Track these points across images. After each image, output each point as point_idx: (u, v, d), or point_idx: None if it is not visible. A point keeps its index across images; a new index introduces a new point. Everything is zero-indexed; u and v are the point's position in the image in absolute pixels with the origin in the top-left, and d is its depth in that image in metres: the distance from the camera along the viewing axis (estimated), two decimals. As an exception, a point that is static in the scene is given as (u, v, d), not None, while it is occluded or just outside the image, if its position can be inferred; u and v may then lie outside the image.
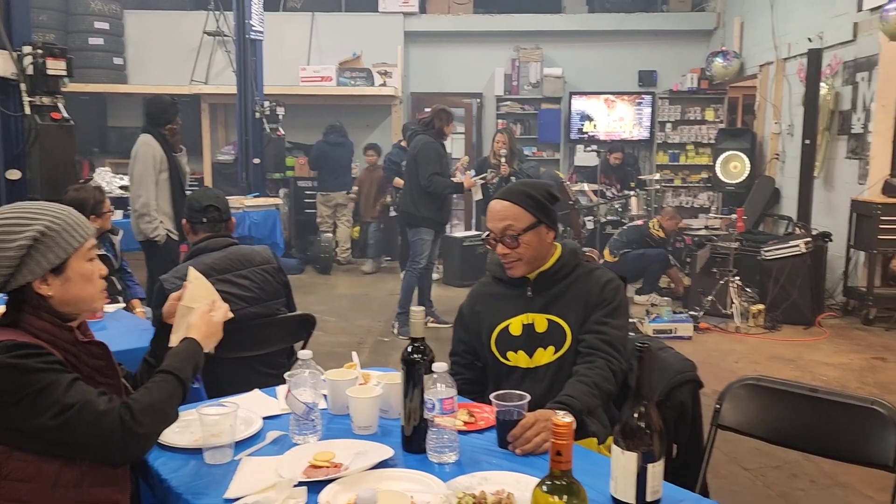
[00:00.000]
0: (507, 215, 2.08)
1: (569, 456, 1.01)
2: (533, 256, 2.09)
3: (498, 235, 2.08)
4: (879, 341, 5.59)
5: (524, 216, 2.07)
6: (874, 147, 6.25)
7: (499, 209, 2.10)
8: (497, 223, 2.09)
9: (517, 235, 2.06)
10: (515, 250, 2.07)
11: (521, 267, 2.10)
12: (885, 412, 1.79)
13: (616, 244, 6.96)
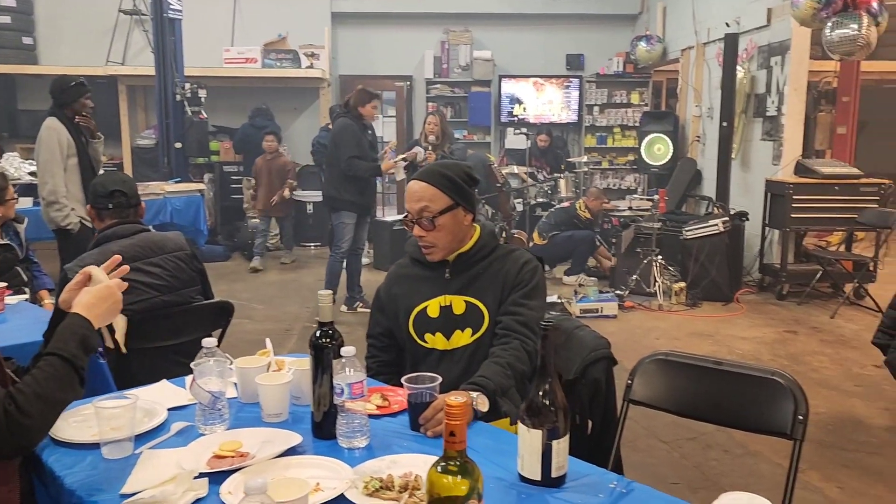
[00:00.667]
0: (424, 196, 2.06)
1: (463, 436, 1.00)
2: (450, 240, 2.08)
3: (414, 217, 2.07)
4: (791, 315, 5.84)
5: (441, 198, 2.05)
6: (787, 129, 6.50)
7: (415, 190, 2.08)
8: (413, 204, 2.07)
9: (433, 217, 2.04)
10: (431, 233, 2.06)
11: (437, 252, 2.10)
12: (784, 382, 1.86)
13: (545, 227, 7.04)
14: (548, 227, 7.02)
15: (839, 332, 5.35)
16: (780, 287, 6.30)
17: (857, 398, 4.10)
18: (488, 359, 1.99)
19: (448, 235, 2.07)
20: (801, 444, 1.81)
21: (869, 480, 3.17)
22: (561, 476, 1.43)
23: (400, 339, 2.19)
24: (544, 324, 1.43)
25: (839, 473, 3.23)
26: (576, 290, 6.17)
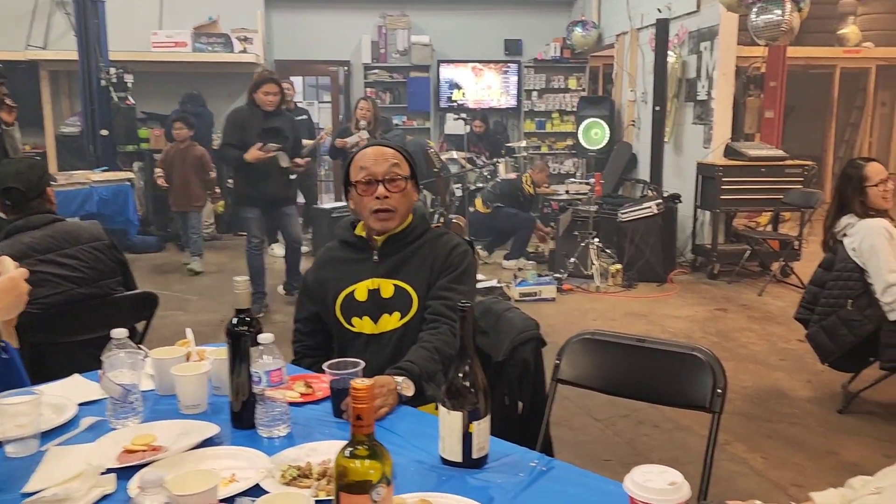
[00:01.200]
0: (395, 157, 2.05)
1: (370, 420, 0.98)
2: (406, 209, 2.07)
3: (383, 176, 2.02)
4: (722, 294, 6.02)
5: (405, 165, 2.07)
6: (717, 113, 6.66)
7: (383, 151, 2.06)
8: (382, 164, 2.03)
9: (399, 179, 2.03)
10: (395, 195, 2.02)
11: (394, 219, 2.05)
12: (704, 357, 1.91)
13: (489, 196, 7.08)
14: (493, 196, 7.06)
15: (766, 309, 5.53)
16: (712, 267, 6.47)
17: (781, 371, 4.25)
18: (416, 343, 1.97)
19: (406, 204, 2.06)
20: (720, 416, 1.86)
21: (791, 450, 3.29)
22: (482, 457, 1.43)
23: (328, 324, 2.15)
24: (461, 305, 1.41)
25: (763, 444, 3.35)
26: (515, 273, 6.21)
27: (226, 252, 7.95)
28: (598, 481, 1.36)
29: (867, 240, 3.34)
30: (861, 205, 3.45)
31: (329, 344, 2.18)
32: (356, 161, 2.09)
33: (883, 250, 3.30)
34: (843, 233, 3.49)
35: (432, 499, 1.26)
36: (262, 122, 5.10)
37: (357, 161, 2.08)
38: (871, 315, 3.41)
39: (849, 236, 3.45)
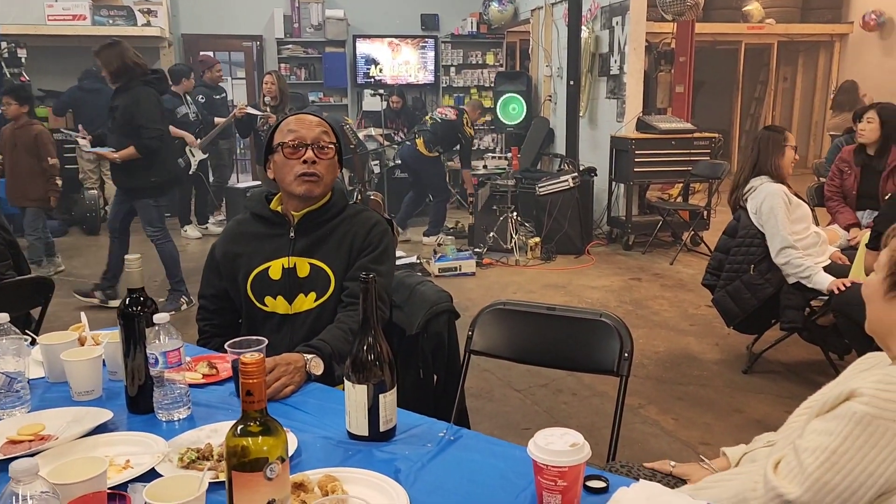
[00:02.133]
0: (323, 125, 2.01)
1: (261, 395, 0.95)
2: (331, 179, 2.02)
3: (311, 140, 1.96)
4: (637, 264, 6.19)
5: (331, 134, 2.03)
6: (629, 87, 6.81)
7: (313, 119, 2.02)
8: (312, 129, 1.98)
9: (326, 146, 1.98)
10: (322, 162, 1.97)
11: (319, 187, 1.98)
12: (611, 322, 1.94)
13: (431, 138, 6.87)
14: (434, 139, 6.88)
15: (678, 277, 5.73)
16: (627, 238, 6.65)
17: (691, 336, 4.41)
18: (332, 324, 1.92)
19: (331, 174, 2.01)
20: (627, 379, 1.90)
21: (699, 410, 3.42)
22: (390, 429, 1.41)
23: (237, 302, 2.08)
24: (363, 276, 1.38)
25: (675, 406, 3.47)
26: (434, 249, 6.21)
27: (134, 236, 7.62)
28: (505, 447, 1.36)
29: (768, 202, 3.48)
30: (775, 167, 3.56)
31: (237, 323, 2.10)
32: (283, 126, 2.02)
33: (781, 213, 3.45)
34: (746, 197, 3.61)
35: (337, 473, 1.24)
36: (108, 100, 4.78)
37: (284, 126, 2.01)
38: (771, 279, 3.57)
39: (751, 200, 3.58)
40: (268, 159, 2.05)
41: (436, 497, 1.20)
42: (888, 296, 1.17)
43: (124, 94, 4.62)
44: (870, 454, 1.04)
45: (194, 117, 7.13)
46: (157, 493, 1.03)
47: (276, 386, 1.59)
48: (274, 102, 6.20)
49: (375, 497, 1.18)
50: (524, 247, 6.35)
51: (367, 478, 1.24)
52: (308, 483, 1.20)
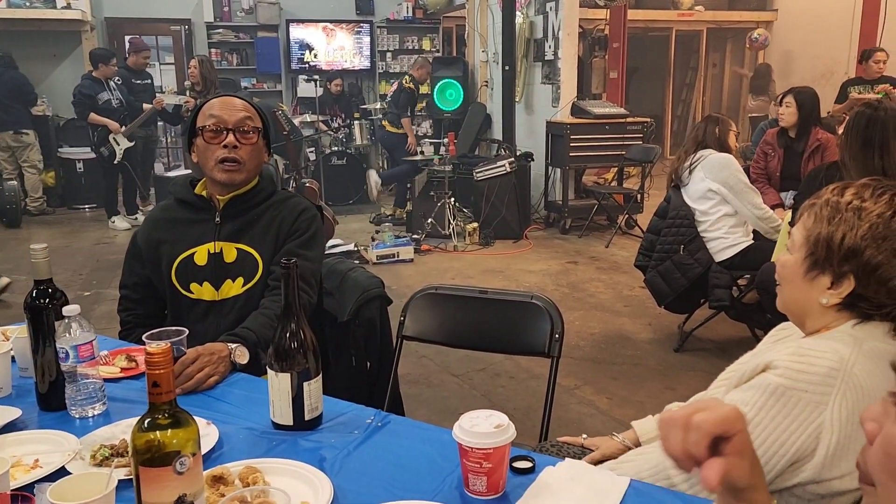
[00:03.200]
0: (246, 108, 1.94)
1: (169, 386, 0.90)
2: (255, 165, 1.95)
3: (233, 125, 1.89)
4: (573, 247, 6.27)
5: (257, 119, 1.96)
6: (563, 72, 6.86)
7: (234, 102, 1.95)
8: (235, 113, 1.91)
9: (250, 130, 1.92)
10: (245, 147, 1.90)
11: (241, 173, 1.92)
12: (542, 304, 1.95)
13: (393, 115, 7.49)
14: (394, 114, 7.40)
15: (613, 260, 5.83)
16: (564, 222, 6.73)
17: (625, 317, 4.50)
18: (258, 310, 1.87)
19: (255, 159, 1.95)
20: (558, 360, 1.91)
21: (633, 389, 3.49)
22: (315, 418, 1.38)
23: (160, 290, 2.00)
24: (284, 261, 1.34)
25: (609, 385, 3.53)
26: (372, 236, 6.16)
27: (59, 228, 7.34)
28: (433, 431, 1.35)
29: (730, 171, 3.57)
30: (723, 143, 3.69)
31: (162, 312, 2.03)
32: (205, 109, 1.95)
33: (743, 175, 3.57)
34: (695, 165, 3.67)
35: (259, 464, 1.20)
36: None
37: (206, 109, 1.94)
38: (700, 259, 3.66)
39: (704, 168, 3.63)
40: (192, 143, 1.98)
41: (361, 484, 1.18)
42: (808, 275, 1.19)
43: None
44: (783, 424, 1.06)
45: (118, 104, 6.86)
46: (63, 492, 0.98)
47: (198, 377, 1.54)
48: (198, 88, 6.03)
49: (298, 487, 1.15)
50: (462, 232, 6.36)
51: (290, 468, 1.21)
52: (228, 475, 1.16)
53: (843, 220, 1.15)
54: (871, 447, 0.59)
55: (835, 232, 1.15)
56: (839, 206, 1.16)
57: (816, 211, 1.19)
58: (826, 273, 1.16)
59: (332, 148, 7.94)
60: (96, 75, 6.71)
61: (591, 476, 1.16)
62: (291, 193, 2.11)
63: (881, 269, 1.10)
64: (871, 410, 0.59)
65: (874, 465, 0.58)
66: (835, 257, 1.14)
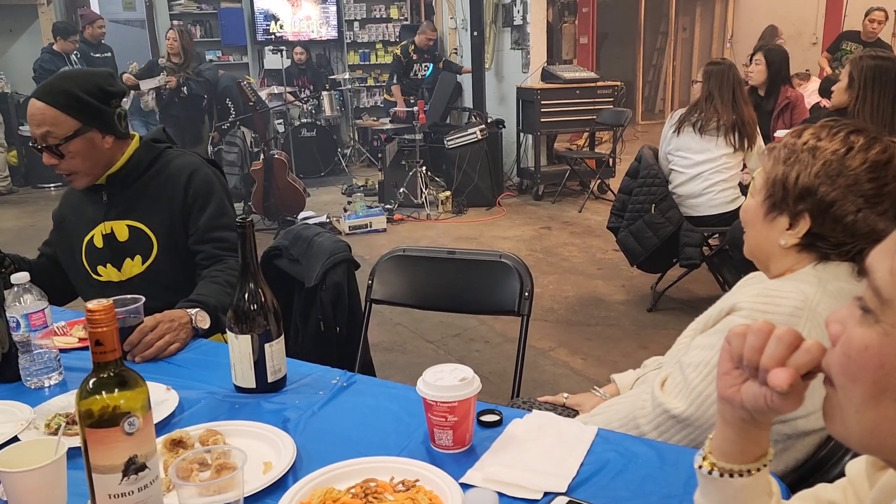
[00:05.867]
0: (45, 120, 1.72)
1: (113, 345, 0.86)
2: (90, 165, 1.80)
3: (39, 143, 1.75)
4: (547, 213, 6.27)
5: (65, 122, 1.73)
6: (532, 37, 6.79)
7: (34, 112, 1.72)
8: (35, 129, 1.74)
9: (58, 145, 1.73)
10: (64, 161, 1.76)
11: (80, 179, 1.82)
12: (511, 263, 1.93)
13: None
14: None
15: (586, 224, 5.83)
16: (536, 188, 6.71)
17: (599, 280, 4.51)
18: (203, 280, 1.81)
19: (86, 162, 1.78)
20: (528, 318, 1.89)
21: (607, 349, 3.51)
22: (279, 380, 1.35)
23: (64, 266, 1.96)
24: (239, 220, 1.30)
25: (584, 347, 3.55)
26: (344, 207, 6.10)
27: (24, 207, 7.16)
28: (399, 389, 1.33)
29: None
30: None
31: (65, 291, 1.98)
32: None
33: None
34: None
35: (220, 427, 1.17)
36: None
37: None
38: (671, 217, 3.66)
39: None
40: None
41: (325, 443, 1.16)
42: (768, 217, 1.18)
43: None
44: (748, 365, 1.06)
45: None
46: (11, 459, 0.94)
47: (159, 344, 1.50)
48: (177, 61, 5.86)
49: (260, 447, 1.13)
50: (435, 201, 6.31)
51: (251, 429, 1.18)
52: (187, 439, 1.13)
53: (798, 160, 1.13)
54: (833, 349, 0.58)
55: (790, 172, 1.13)
56: (795, 147, 1.15)
57: (775, 154, 1.18)
58: (784, 214, 1.15)
59: (302, 120, 7.82)
60: (56, 49, 6.52)
61: (559, 426, 1.15)
62: (176, 153, 1.96)
63: (835, 206, 1.09)
64: (837, 313, 0.59)
65: (836, 367, 0.58)
66: (790, 197, 1.13)
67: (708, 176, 3.62)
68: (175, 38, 5.88)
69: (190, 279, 1.84)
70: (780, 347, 0.62)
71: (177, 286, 1.82)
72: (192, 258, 1.87)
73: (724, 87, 3.63)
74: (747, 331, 0.64)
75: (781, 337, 0.62)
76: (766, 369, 0.62)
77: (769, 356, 0.62)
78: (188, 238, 1.87)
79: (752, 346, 0.64)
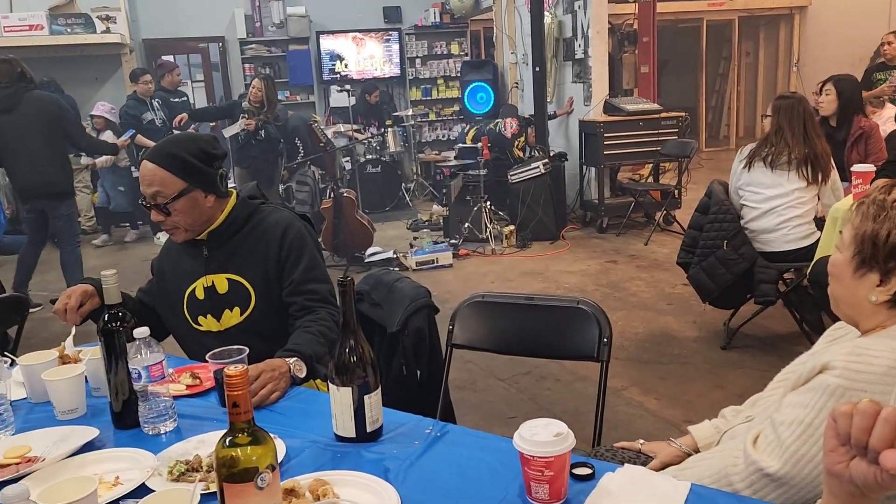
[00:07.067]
0: (154, 180, 1.87)
1: (247, 406, 0.95)
2: (191, 222, 1.93)
3: (148, 201, 1.90)
4: (612, 246, 6.25)
5: (173, 182, 1.88)
6: (594, 70, 6.84)
7: (146, 173, 1.89)
8: (146, 188, 1.89)
9: (166, 204, 1.88)
10: (170, 217, 1.90)
11: (181, 234, 1.96)
12: (589, 309, 1.97)
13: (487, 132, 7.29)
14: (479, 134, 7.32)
15: (653, 258, 5.79)
16: (600, 221, 6.70)
17: (669, 315, 4.47)
18: (297, 329, 1.90)
19: (189, 218, 1.92)
20: (608, 364, 1.93)
21: (682, 389, 3.48)
22: (376, 429, 1.42)
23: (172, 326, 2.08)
24: (341, 279, 1.39)
25: (657, 386, 3.52)
26: (411, 243, 6.22)
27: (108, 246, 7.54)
28: (492, 440, 1.38)
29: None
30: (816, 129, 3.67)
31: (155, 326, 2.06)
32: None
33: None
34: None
35: (327, 477, 1.25)
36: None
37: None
38: (745, 254, 3.63)
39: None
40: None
41: (426, 494, 1.22)
42: (857, 273, 1.20)
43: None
44: (843, 425, 1.07)
45: (161, 123, 7.04)
46: (152, 509, 1.04)
47: (262, 393, 1.59)
48: (259, 108, 6.13)
49: (366, 498, 1.20)
50: (499, 235, 6.38)
51: (356, 479, 1.25)
52: (299, 488, 1.21)
53: (888, 218, 1.15)
54: None
55: (879, 229, 1.15)
56: (885, 204, 1.17)
57: (864, 209, 1.20)
58: (874, 270, 1.17)
59: (367, 156, 8.04)
60: (139, 94, 6.90)
61: (652, 481, 1.18)
62: (270, 209, 2.08)
63: None
64: None
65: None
66: (881, 254, 1.15)
67: (781, 211, 3.58)
68: (260, 89, 6.14)
69: (283, 329, 1.95)
70: (887, 429, 0.65)
71: (271, 336, 1.93)
72: (285, 309, 1.98)
73: (794, 121, 3.60)
74: (853, 410, 0.68)
75: (888, 418, 0.65)
76: (876, 451, 0.65)
77: (878, 438, 0.65)
78: (282, 290, 1.98)
79: (860, 427, 0.67)
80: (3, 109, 4.77)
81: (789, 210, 3.57)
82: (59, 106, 5.01)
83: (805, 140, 3.58)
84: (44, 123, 4.83)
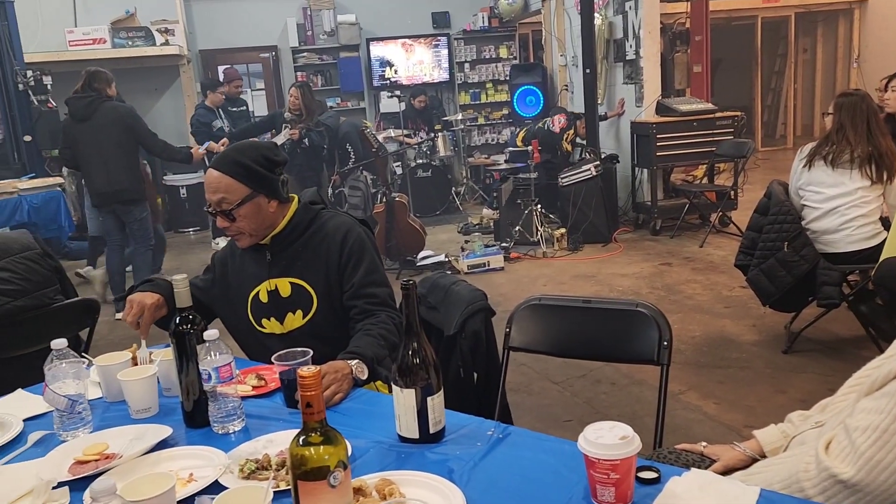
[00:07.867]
0: (220, 187, 1.93)
1: (320, 406, 0.98)
2: (255, 227, 1.98)
3: (214, 208, 1.95)
4: (665, 248, 6.16)
5: (238, 188, 1.92)
6: (646, 71, 6.76)
7: (211, 181, 1.94)
8: (211, 195, 1.94)
9: (231, 210, 1.92)
10: (234, 223, 1.95)
11: (246, 239, 2.00)
12: (648, 312, 1.95)
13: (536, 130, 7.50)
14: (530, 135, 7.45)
15: (709, 260, 5.69)
16: (654, 223, 6.61)
17: (727, 318, 4.39)
18: (358, 332, 1.93)
19: (253, 224, 1.97)
20: (668, 367, 1.91)
21: (741, 393, 3.41)
22: (439, 430, 1.44)
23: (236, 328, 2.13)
24: (404, 282, 1.42)
25: (716, 390, 3.46)
26: (462, 246, 6.24)
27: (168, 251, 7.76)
28: (554, 443, 1.39)
29: None
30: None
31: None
32: None
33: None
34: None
35: (393, 477, 1.27)
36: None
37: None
38: (807, 255, 3.54)
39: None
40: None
41: (491, 495, 1.23)
42: None
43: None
44: (921, 431, 1.05)
45: (228, 130, 7.23)
46: (226, 504, 1.07)
47: (326, 394, 1.63)
48: (299, 116, 6.25)
49: (432, 498, 1.21)
50: (550, 238, 6.35)
51: (422, 479, 1.27)
52: (366, 487, 1.23)
53: None
54: None
55: None
56: None
57: None
58: None
59: (417, 161, 8.10)
60: (208, 104, 7.10)
61: (720, 486, 1.17)
62: (331, 214, 2.12)
63: None
64: None
65: None
66: None
67: (844, 211, 3.48)
68: (297, 97, 6.26)
69: (344, 332, 1.98)
70: None
71: (332, 338, 1.96)
72: (346, 313, 2.02)
73: (856, 118, 3.50)
74: None
75: None
76: None
77: None
78: (343, 294, 2.02)
79: None
80: (80, 118, 4.98)
81: (853, 209, 3.47)
82: (133, 116, 5.21)
83: (869, 138, 3.48)
84: (118, 132, 5.04)
